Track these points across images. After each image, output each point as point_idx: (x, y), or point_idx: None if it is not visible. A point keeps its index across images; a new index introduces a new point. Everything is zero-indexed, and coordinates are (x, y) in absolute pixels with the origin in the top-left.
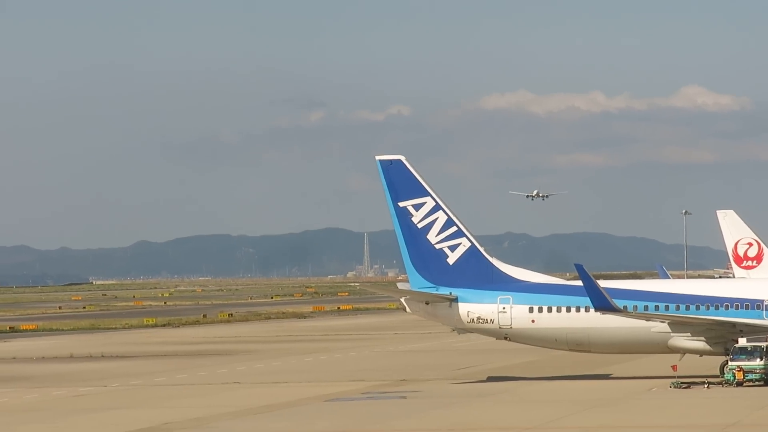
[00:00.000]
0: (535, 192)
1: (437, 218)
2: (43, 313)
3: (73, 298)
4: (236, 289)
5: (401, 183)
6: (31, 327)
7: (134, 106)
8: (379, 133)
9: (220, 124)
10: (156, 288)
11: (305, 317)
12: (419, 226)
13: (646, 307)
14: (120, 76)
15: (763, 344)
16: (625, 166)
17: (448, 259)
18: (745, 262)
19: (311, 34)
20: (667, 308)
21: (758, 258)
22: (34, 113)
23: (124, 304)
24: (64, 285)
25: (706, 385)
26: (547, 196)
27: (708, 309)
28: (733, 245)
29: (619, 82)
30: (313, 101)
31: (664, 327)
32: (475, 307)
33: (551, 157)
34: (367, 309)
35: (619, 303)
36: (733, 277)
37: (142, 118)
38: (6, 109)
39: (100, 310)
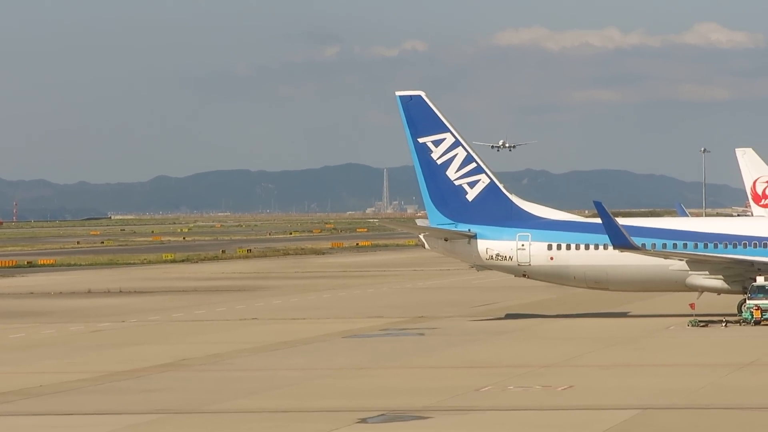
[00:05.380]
0: (500, 142)
1: (457, 154)
2: (61, 248)
3: (91, 233)
4: (255, 225)
5: (421, 119)
6: (49, 262)
7: (151, 40)
8: (394, 69)
9: (236, 59)
10: (175, 223)
11: (324, 253)
12: (438, 162)
13: (664, 245)
14: (137, 9)
15: None
16: (641, 103)
17: (467, 196)
18: (763, 200)
19: None
20: (685, 246)
21: None
22: (50, 46)
23: (143, 239)
24: (83, 219)
25: (723, 324)
26: (514, 147)
27: (726, 247)
28: (751, 183)
29: (634, 19)
30: (328, 36)
31: (682, 265)
32: (493, 244)
33: (567, 93)
34: (385, 245)
35: (637, 241)
36: (752, 215)
37: (159, 52)
38: (24, 41)
39: (119, 245)
